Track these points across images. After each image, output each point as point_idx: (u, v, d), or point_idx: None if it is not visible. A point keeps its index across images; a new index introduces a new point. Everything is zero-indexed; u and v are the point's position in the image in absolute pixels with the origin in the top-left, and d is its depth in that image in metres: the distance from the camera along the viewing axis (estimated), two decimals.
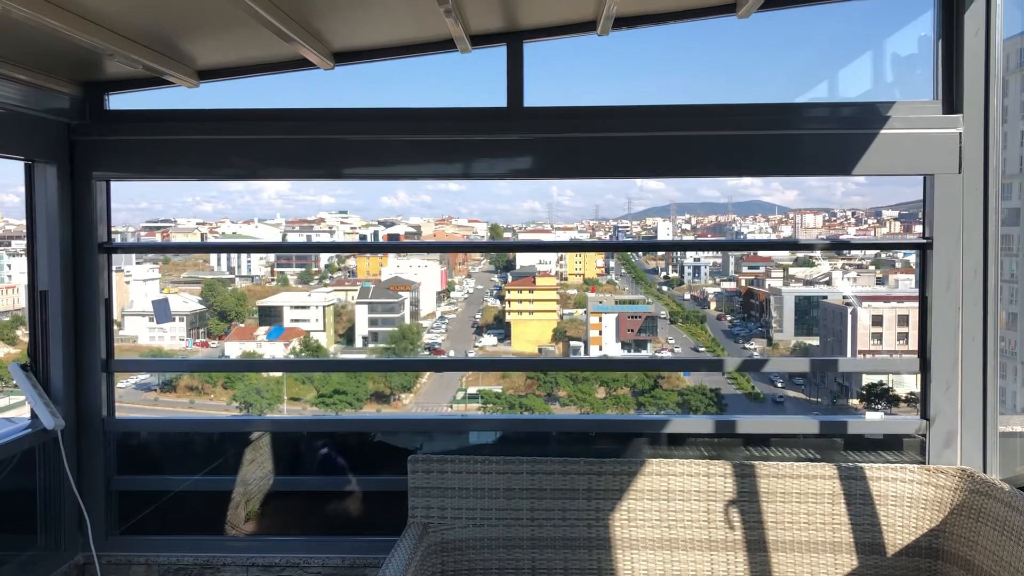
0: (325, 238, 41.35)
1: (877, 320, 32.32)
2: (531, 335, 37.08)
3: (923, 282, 3.69)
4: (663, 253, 46.42)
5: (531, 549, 3.48)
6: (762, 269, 41.07)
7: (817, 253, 42.18)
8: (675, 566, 3.44)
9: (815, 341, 34.79)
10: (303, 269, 42.06)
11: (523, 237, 45.12)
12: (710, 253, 44.57)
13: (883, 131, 3.57)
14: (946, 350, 3.59)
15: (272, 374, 33.43)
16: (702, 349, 35.24)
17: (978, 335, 3.57)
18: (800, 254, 42.41)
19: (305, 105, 3.85)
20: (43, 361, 3.69)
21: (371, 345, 36.35)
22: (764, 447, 3.86)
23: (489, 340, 37.84)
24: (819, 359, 3.53)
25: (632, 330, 36.62)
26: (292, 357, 33.94)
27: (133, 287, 37.40)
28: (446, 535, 3.47)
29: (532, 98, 3.71)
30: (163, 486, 4.02)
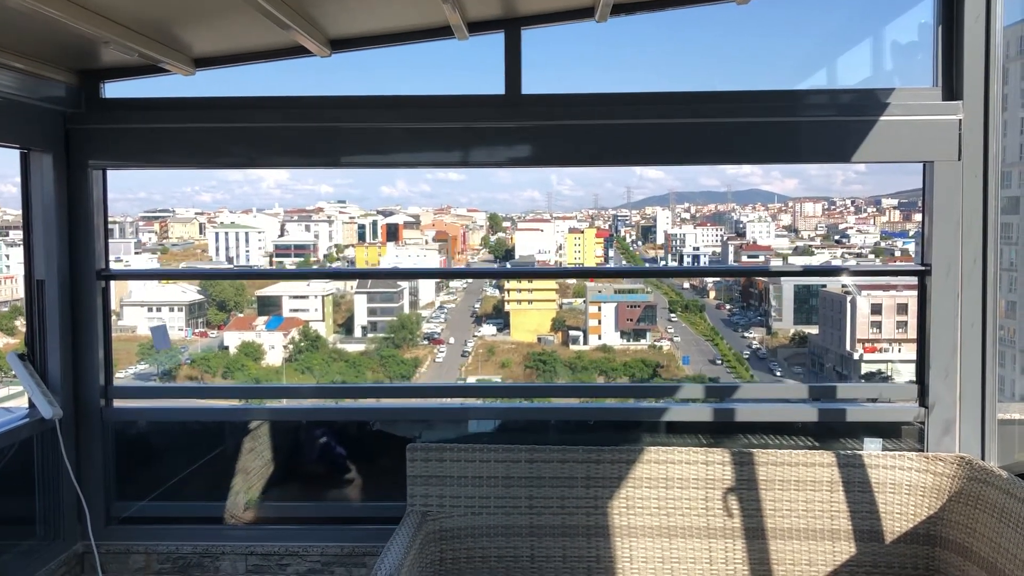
0: (324, 228, 41.29)
1: (876, 309, 32.30)
2: (530, 324, 37.03)
3: (922, 307, 3.68)
4: (662, 242, 46.38)
5: (530, 537, 3.48)
6: (761, 258, 41.01)
7: (817, 241, 42.18)
8: (673, 554, 3.44)
9: (814, 330, 34.78)
10: (302, 259, 42.00)
11: (522, 226, 45.07)
12: (709, 242, 44.52)
13: (883, 118, 3.56)
14: (945, 338, 3.59)
15: (271, 364, 33.46)
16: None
17: (977, 323, 3.57)
18: (799, 243, 42.38)
19: (302, 93, 3.83)
20: (41, 351, 3.69)
21: (370, 335, 36.33)
22: (763, 435, 3.86)
23: (488, 330, 37.79)
24: (817, 385, 3.61)
25: (631, 319, 36.58)
26: (292, 348, 33.95)
27: None
28: (445, 523, 3.48)
29: (530, 85, 3.70)
30: (161, 512, 4.02)
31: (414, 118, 3.72)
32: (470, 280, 43.43)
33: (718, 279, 41.60)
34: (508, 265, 41.53)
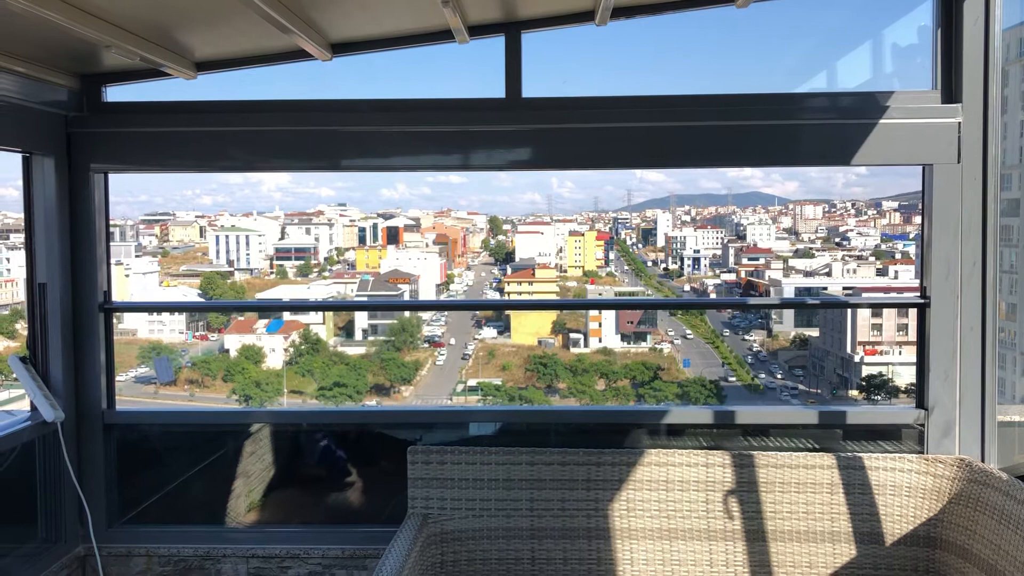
0: (324, 231, 41.40)
1: (876, 312, 32.26)
2: (531, 327, 37.00)
3: (921, 337, 3.68)
4: (663, 244, 46.39)
5: (530, 539, 3.49)
6: (762, 260, 41.04)
7: (817, 244, 42.21)
8: (674, 556, 3.44)
9: (815, 332, 34.77)
10: (302, 262, 42.02)
11: (523, 229, 45.12)
12: (710, 244, 44.53)
13: (882, 121, 3.57)
14: (945, 340, 3.59)
15: (272, 367, 33.44)
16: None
17: (977, 325, 3.57)
18: (800, 246, 42.39)
19: (303, 97, 3.84)
20: (42, 354, 3.70)
21: (371, 338, 36.34)
22: (763, 437, 3.87)
23: (489, 332, 37.77)
24: (826, 409, 3.65)
25: (632, 322, 36.56)
26: (292, 351, 33.92)
27: (133, 280, 37.37)
28: (446, 525, 3.48)
29: (530, 89, 3.71)
30: (163, 514, 4.02)
31: (415, 121, 3.73)
32: (471, 283, 43.38)
33: (719, 282, 41.54)
34: (509, 269, 41.55)
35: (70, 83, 3.70)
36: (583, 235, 43.84)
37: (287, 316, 36.26)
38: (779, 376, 34.54)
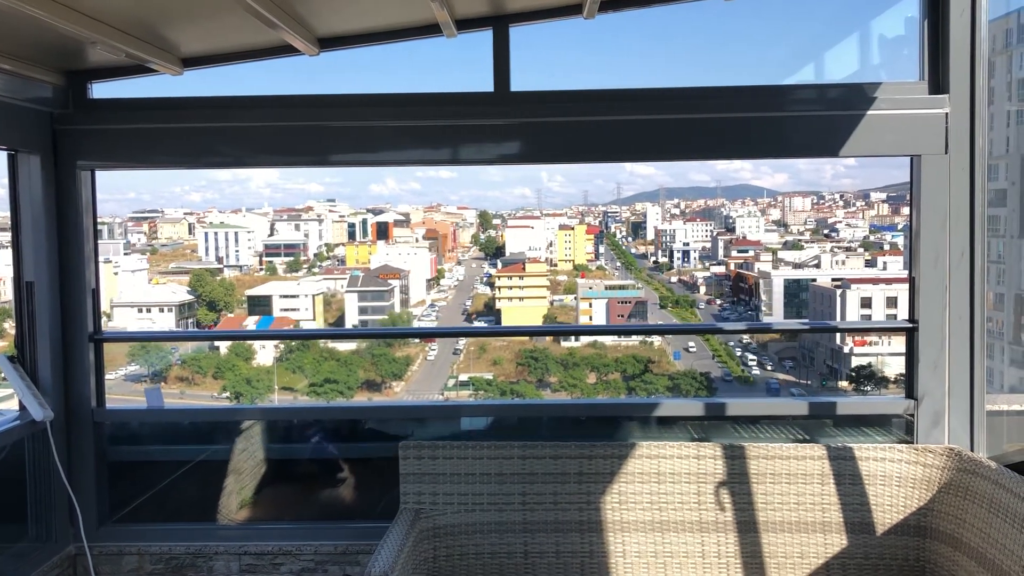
0: (314, 227, 41.32)
1: (866, 302, 32.43)
2: (521, 321, 37.05)
3: (912, 310, 3.70)
4: (652, 237, 46.50)
5: (523, 533, 3.49)
6: (751, 253, 41.20)
7: (806, 236, 42.39)
8: (666, 548, 3.45)
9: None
10: (292, 258, 41.95)
11: (512, 223, 45.17)
12: (699, 237, 44.65)
13: (870, 112, 3.58)
14: (934, 331, 3.61)
15: (263, 364, 33.35)
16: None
17: (965, 316, 3.59)
18: (789, 238, 42.58)
19: (291, 92, 3.82)
20: (31, 353, 3.67)
21: None
22: (754, 429, 3.88)
23: (480, 327, 37.77)
24: (816, 400, 3.66)
25: (622, 316, 36.66)
26: (283, 348, 33.84)
27: (122, 277, 37.21)
28: (438, 520, 3.48)
29: (519, 82, 3.70)
30: (154, 512, 4.00)
31: (403, 116, 3.72)
32: (461, 278, 43.37)
33: (708, 274, 41.65)
34: (499, 263, 41.58)
35: (55, 80, 3.67)
36: (573, 229, 43.93)
37: (277, 312, 36.18)
38: (769, 367, 34.73)
